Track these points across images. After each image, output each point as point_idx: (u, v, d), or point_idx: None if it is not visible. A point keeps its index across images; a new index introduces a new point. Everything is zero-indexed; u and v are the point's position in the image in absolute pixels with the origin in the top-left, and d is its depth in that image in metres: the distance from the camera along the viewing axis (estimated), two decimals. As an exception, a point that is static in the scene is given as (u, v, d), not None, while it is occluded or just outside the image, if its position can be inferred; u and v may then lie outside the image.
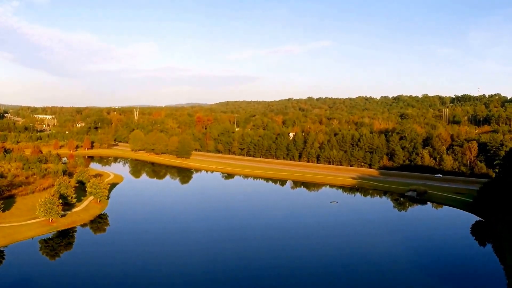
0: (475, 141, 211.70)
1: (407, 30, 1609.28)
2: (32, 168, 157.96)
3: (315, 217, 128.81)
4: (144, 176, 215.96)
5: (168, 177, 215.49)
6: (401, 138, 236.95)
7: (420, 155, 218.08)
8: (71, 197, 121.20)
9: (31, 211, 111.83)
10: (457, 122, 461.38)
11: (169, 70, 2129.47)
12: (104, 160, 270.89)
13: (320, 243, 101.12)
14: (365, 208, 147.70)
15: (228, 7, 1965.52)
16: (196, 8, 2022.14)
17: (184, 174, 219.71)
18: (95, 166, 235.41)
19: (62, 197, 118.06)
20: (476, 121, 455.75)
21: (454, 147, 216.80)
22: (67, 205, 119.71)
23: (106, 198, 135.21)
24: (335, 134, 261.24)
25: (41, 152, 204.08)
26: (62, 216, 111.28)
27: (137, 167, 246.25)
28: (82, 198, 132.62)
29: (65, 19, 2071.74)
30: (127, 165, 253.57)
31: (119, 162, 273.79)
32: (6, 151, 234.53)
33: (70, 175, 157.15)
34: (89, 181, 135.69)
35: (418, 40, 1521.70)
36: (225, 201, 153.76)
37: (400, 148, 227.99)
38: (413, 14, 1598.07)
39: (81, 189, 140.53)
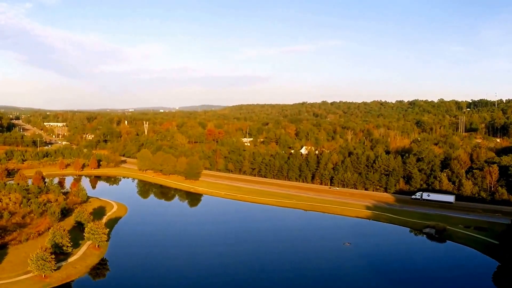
0: (495, 165, 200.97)
1: (419, 27, 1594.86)
2: (31, 203, 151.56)
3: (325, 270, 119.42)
4: (149, 204, 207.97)
5: (174, 205, 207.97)
6: (418, 160, 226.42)
7: (438, 179, 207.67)
8: (67, 246, 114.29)
9: (23, 264, 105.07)
10: (474, 130, 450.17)
11: (181, 71, 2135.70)
12: (111, 180, 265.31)
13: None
14: (379, 251, 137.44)
15: (239, 7, 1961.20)
16: (208, 8, 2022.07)
17: (192, 198, 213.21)
18: (100, 188, 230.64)
19: (57, 246, 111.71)
20: (493, 130, 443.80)
21: (474, 170, 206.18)
22: (62, 254, 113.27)
23: (106, 240, 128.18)
24: (350, 154, 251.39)
25: (43, 179, 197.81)
26: (57, 269, 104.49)
27: (143, 189, 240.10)
28: (80, 242, 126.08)
29: (76, 20, 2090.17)
30: (133, 188, 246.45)
31: (126, 179, 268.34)
32: (10, 172, 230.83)
33: (70, 211, 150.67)
34: (88, 222, 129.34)
35: (430, 38, 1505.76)
36: (232, 242, 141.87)
37: (417, 170, 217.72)
38: (425, 11, 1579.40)
39: (79, 230, 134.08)
